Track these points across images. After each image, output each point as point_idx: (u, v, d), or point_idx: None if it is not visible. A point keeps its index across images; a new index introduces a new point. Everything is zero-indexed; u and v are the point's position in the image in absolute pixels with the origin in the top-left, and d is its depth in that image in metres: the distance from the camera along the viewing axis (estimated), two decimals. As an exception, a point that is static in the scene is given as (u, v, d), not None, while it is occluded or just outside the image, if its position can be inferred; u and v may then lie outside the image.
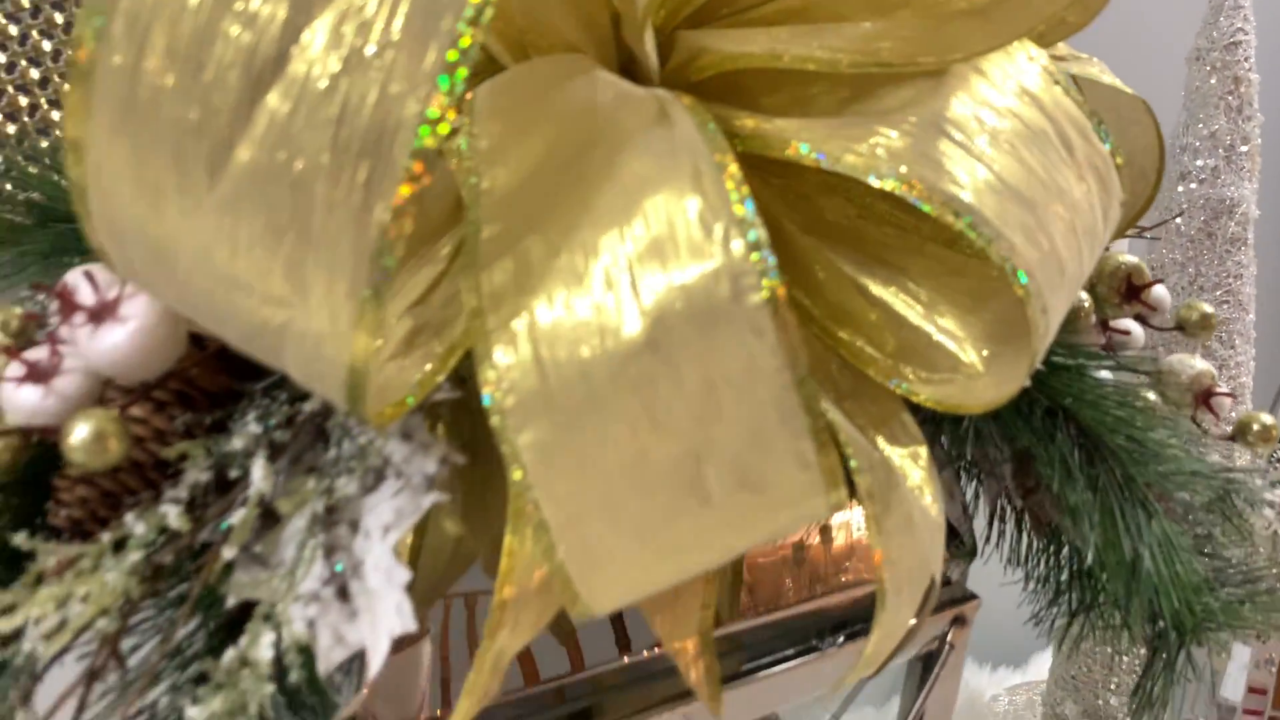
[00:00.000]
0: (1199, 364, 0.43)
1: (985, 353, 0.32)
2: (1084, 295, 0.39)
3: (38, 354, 0.28)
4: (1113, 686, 0.86)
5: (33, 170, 0.36)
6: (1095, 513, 0.34)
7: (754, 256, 0.22)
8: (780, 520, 0.24)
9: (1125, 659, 0.85)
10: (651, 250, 0.22)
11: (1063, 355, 0.36)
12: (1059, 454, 0.35)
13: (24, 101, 0.46)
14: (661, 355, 0.22)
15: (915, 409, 0.31)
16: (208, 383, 0.29)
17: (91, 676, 0.25)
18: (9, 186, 0.36)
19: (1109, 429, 0.35)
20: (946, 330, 0.32)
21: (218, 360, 0.30)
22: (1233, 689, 0.63)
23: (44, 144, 0.48)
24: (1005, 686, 1.04)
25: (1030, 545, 0.42)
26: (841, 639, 0.37)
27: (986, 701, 1.00)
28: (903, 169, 0.25)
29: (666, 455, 0.23)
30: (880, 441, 0.32)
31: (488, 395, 0.23)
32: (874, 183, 0.25)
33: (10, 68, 0.45)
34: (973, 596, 0.41)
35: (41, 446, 0.28)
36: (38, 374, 0.27)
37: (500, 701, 0.32)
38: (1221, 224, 0.78)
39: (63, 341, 0.28)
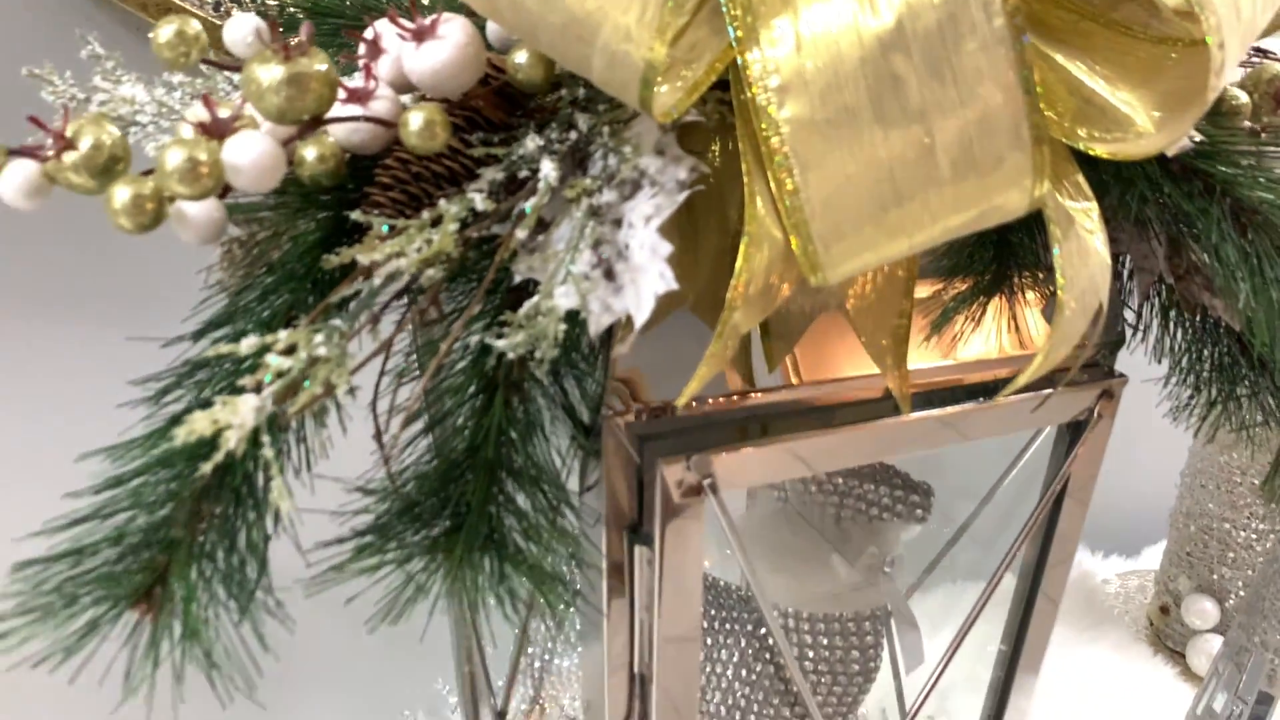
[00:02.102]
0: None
1: (1156, 115, 0.36)
2: (1243, 96, 0.43)
3: (356, 83, 0.34)
4: (1228, 560, 0.89)
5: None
6: (1245, 277, 0.38)
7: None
8: (993, 201, 0.29)
9: (1242, 534, 0.88)
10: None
11: (1221, 138, 0.40)
12: (1215, 222, 0.38)
13: None
14: (908, 51, 0.27)
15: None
16: (491, 113, 0.35)
17: (420, 315, 0.31)
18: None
19: (1261, 199, 0.38)
20: (1124, 99, 0.36)
21: (498, 95, 0.36)
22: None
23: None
24: (1117, 572, 1.07)
25: (1177, 340, 0.47)
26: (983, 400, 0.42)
27: (1099, 583, 1.04)
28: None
29: (905, 139, 0.28)
30: (1059, 195, 0.36)
31: (755, 78, 0.28)
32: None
33: None
34: (1120, 375, 0.45)
35: (352, 162, 0.35)
36: (358, 97, 0.34)
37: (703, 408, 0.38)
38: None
39: (374, 76, 0.34)
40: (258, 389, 0.28)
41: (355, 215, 0.32)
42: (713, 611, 0.53)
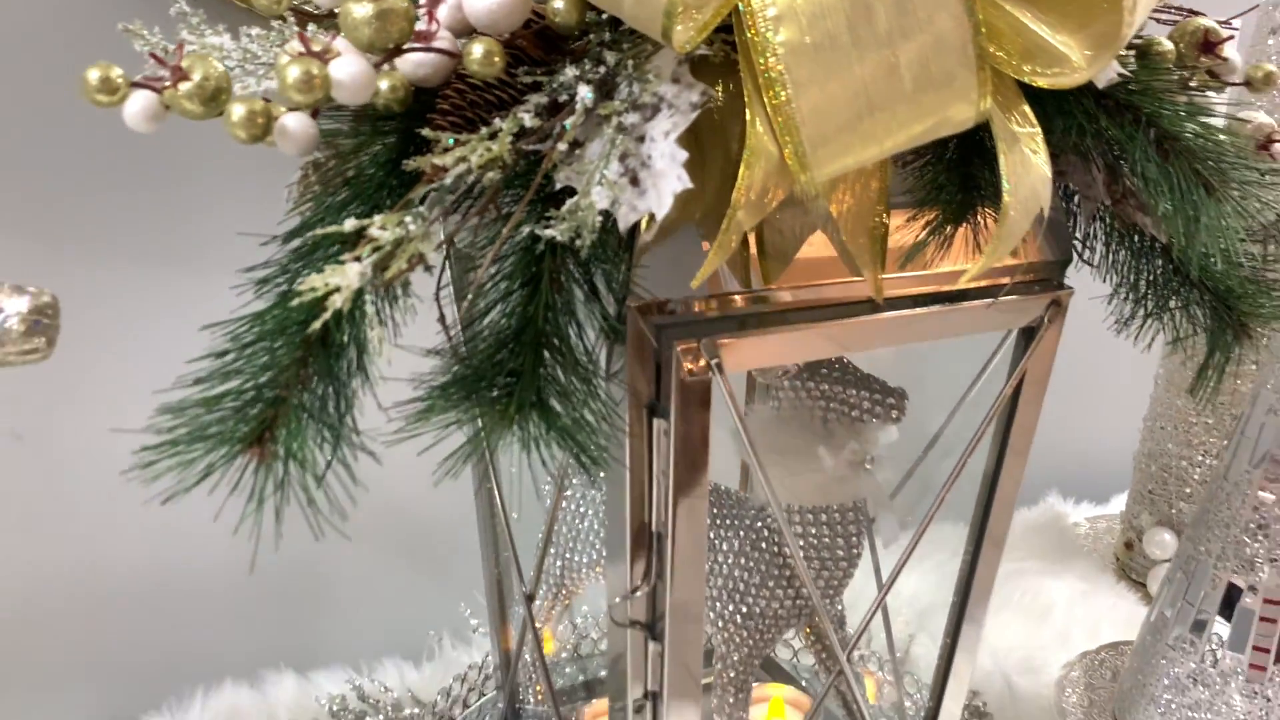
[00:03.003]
0: (1262, 116, 0.54)
1: (1088, 54, 0.43)
2: (1169, 44, 0.50)
3: (420, 26, 0.41)
4: (1185, 495, 0.97)
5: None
6: (1166, 192, 0.45)
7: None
8: (947, 113, 0.36)
9: (1197, 471, 0.96)
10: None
11: (1148, 79, 0.47)
12: (1140, 147, 0.46)
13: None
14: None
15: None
16: (532, 52, 0.42)
17: (480, 212, 0.38)
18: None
19: (1180, 128, 0.46)
20: (1062, 41, 0.44)
21: (538, 37, 0.43)
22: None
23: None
24: (1087, 516, 1.15)
25: (1120, 259, 0.54)
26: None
27: (1070, 525, 1.12)
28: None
29: (876, 59, 0.35)
30: (1009, 123, 0.43)
31: (755, 10, 0.35)
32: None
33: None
34: (1068, 288, 0.53)
35: (416, 95, 0.41)
36: (423, 37, 0.40)
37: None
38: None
39: (436, 19, 0.41)
40: (358, 261, 0.35)
41: (425, 132, 0.39)
42: (714, 511, 0.60)
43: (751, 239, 0.47)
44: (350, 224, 0.35)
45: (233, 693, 0.77)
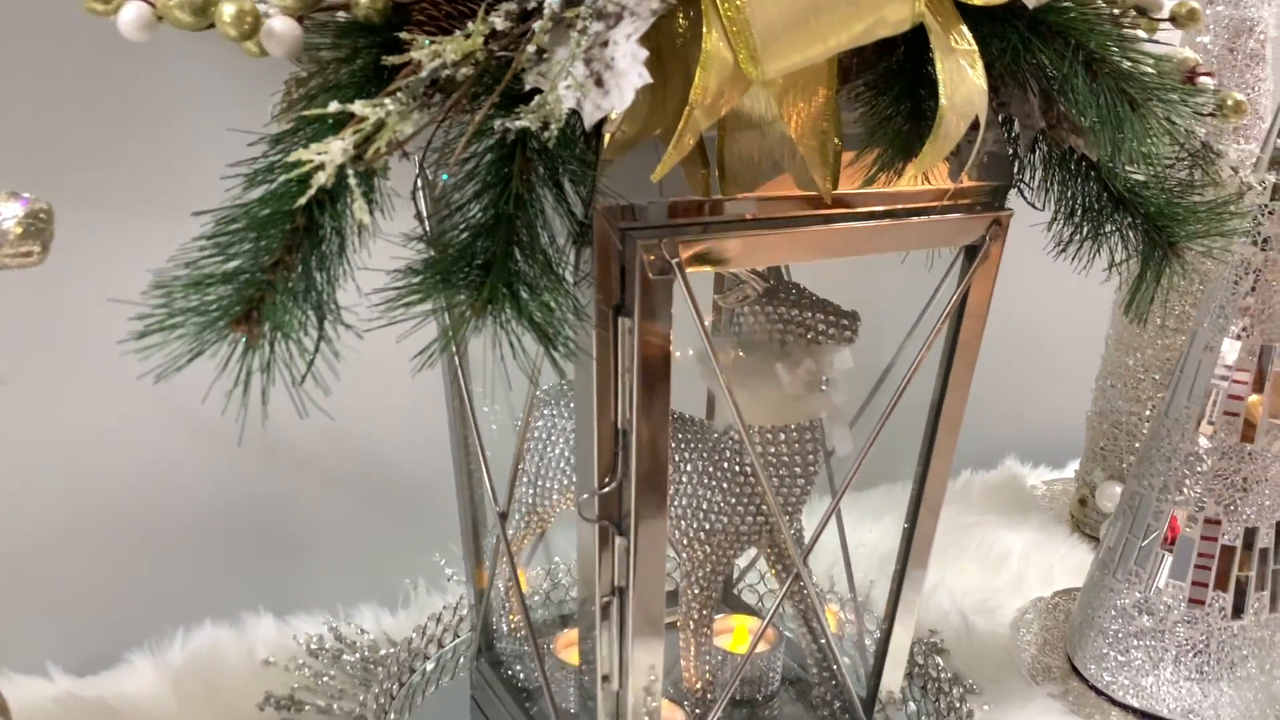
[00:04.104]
0: (1187, 51, 0.57)
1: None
2: (1096, -23, 0.54)
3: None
4: (1134, 449, 1.01)
5: None
6: (1093, 106, 0.49)
7: None
8: (884, 12, 0.40)
9: (1146, 426, 0.99)
10: None
11: (1077, 8, 0.51)
12: (1069, 65, 0.49)
13: None
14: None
15: None
16: (503, -33, 0.45)
17: (454, 105, 0.41)
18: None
19: (1107, 51, 0.49)
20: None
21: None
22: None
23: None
24: (1043, 480, 1.19)
25: (1055, 182, 0.57)
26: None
27: (1027, 487, 1.15)
28: None
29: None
30: (949, 41, 0.47)
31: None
32: None
33: None
34: (1008, 209, 0.56)
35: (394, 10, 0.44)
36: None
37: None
38: (1242, 42, 0.92)
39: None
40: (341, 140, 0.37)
41: (403, 34, 0.42)
42: (678, 436, 0.63)
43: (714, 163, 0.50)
44: (334, 106, 0.38)
45: (213, 631, 0.79)
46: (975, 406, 0.65)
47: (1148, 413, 1.00)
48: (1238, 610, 0.74)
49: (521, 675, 0.71)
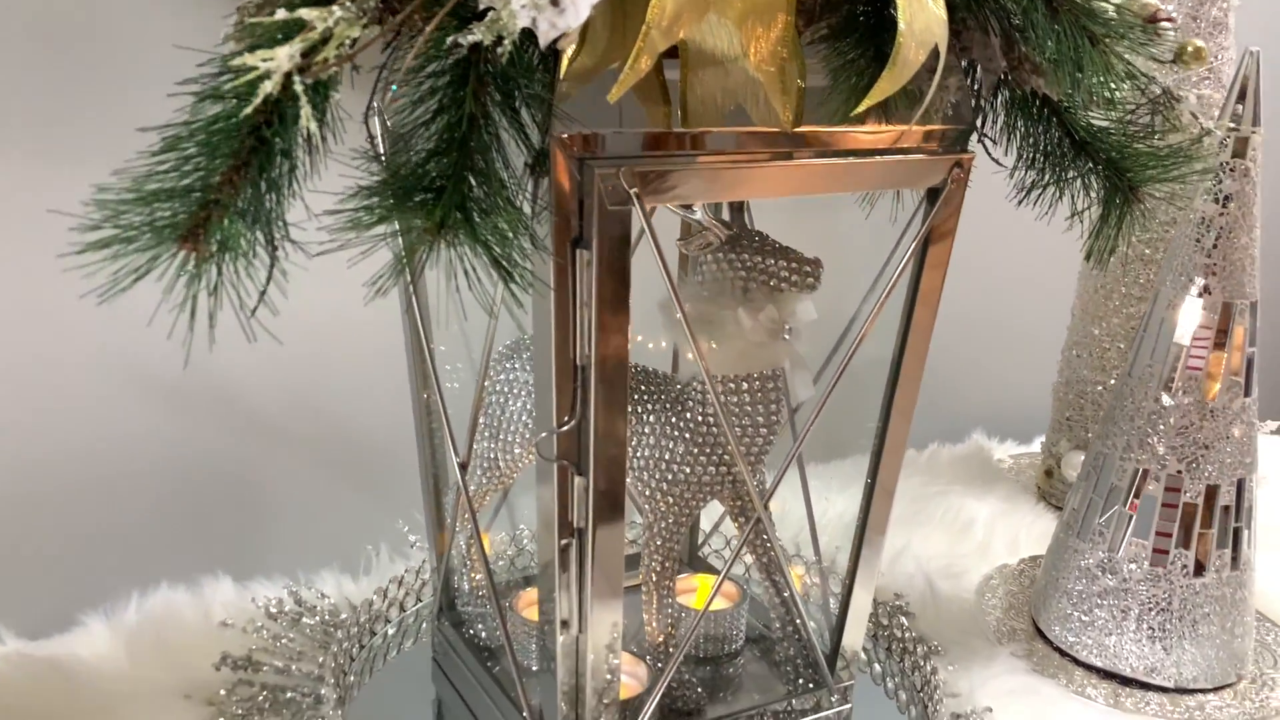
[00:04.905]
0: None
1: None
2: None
3: None
4: (1099, 418, 1.01)
5: None
6: (1053, 41, 0.49)
7: None
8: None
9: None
10: None
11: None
12: (1030, 3, 0.49)
13: None
14: None
15: None
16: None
17: (407, 21, 0.40)
18: None
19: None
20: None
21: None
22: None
23: None
24: (1010, 454, 1.19)
25: (1018, 127, 0.57)
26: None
27: (995, 460, 1.16)
28: None
29: None
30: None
31: None
32: None
33: None
34: (969, 152, 0.56)
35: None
36: None
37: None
38: (1205, 9, 0.92)
39: None
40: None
41: (356, -51, 0.41)
42: (640, 388, 0.62)
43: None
44: (281, 13, 0.37)
45: (169, 594, 0.78)
46: (944, 381, 0.65)
47: (1113, 382, 1.00)
48: (1200, 568, 0.74)
49: (483, 634, 0.70)
